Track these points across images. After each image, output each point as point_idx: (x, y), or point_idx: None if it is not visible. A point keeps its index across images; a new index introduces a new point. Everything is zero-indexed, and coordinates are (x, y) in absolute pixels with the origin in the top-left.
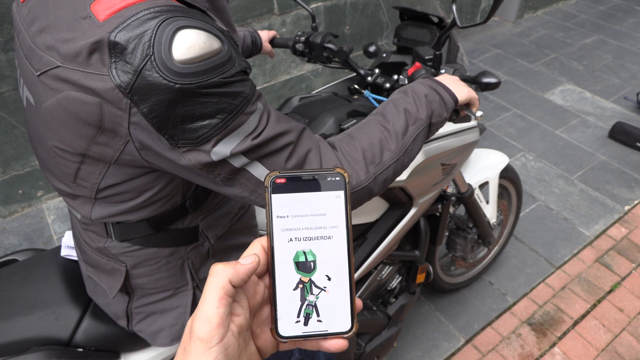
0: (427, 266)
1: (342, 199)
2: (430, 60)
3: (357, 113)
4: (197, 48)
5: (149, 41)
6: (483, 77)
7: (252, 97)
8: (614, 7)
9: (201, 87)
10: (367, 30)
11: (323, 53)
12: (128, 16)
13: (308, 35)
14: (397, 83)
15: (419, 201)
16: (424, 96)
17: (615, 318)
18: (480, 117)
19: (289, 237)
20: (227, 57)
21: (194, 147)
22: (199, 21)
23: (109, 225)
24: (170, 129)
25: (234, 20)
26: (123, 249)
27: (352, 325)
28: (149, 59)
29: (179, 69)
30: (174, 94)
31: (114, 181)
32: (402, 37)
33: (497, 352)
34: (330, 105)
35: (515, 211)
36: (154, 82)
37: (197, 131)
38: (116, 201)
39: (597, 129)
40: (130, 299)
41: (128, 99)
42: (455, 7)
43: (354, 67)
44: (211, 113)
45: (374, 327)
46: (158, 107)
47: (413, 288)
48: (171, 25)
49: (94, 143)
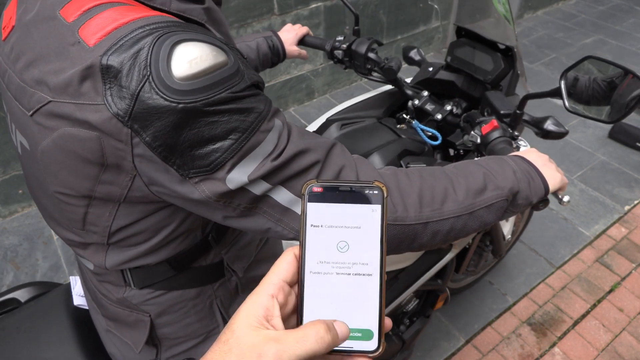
0: (447, 294)
1: (378, 213)
2: (507, 116)
3: (408, 152)
4: (199, 62)
5: (146, 60)
6: (547, 124)
7: (267, 113)
8: (614, 7)
9: (208, 104)
10: (368, 30)
11: (366, 65)
12: (120, 36)
13: (350, 41)
14: (469, 137)
15: (458, 245)
16: (513, 172)
17: (615, 318)
18: (567, 203)
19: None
20: (235, 70)
21: (207, 176)
22: (199, 34)
23: (126, 272)
24: (178, 158)
25: (234, 20)
26: (145, 297)
27: (379, 346)
28: (146, 79)
29: (181, 86)
30: (178, 115)
31: (127, 221)
32: (456, 56)
33: (497, 352)
34: (377, 138)
35: (525, 220)
36: (154, 105)
37: (209, 156)
38: (131, 244)
39: (597, 129)
40: (158, 352)
41: (128, 127)
42: (564, 83)
43: (402, 87)
44: (222, 134)
45: (388, 353)
46: (162, 133)
47: (429, 312)
48: (169, 40)
49: (99, 182)
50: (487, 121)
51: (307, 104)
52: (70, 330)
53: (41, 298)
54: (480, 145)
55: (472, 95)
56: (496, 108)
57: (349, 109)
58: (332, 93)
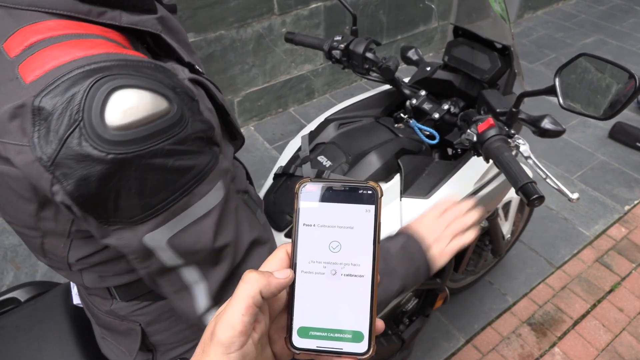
0: (446, 293)
1: (372, 213)
2: (503, 114)
3: (405, 152)
4: (135, 111)
5: (79, 104)
6: (544, 122)
7: (207, 173)
8: (614, 7)
9: (140, 157)
10: (367, 30)
11: (364, 64)
12: (58, 76)
13: (348, 41)
14: (466, 135)
15: None
16: (400, 279)
17: (615, 318)
18: (576, 200)
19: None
20: (177, 119)
21: (125, 227)
22: (143, 78)
23: (110, 287)
24: (99, 207)
25: (234, 20)
26: (132, 308)
27: (369, 348)
28: (77, 125)
29: (113, 136)
30: (107, 166)
31: (85, 253)
32: (454, 55)
33: (497, 352)
34: (374, 137)
35: (525, 219)
36: (81, 153)
37: (132, 210)
38: (100, 271)
39: (597, 129)
40: (153, 356)
41: (50, 173)
42: (559, 81)
43: (399, 87)
44: (151, 191)
45: (387, 352)
46: (86, 182)
47: (428, 311)
48: (106, 85)
49: (40, 219)
50: (483, 119)
51: (307, 104)
52: (70, 329)
53: (41, 297)
54: (476, 144)
55: (470, 94)
56: (492, 106)
57: (347, 108)
58: (332, 93)
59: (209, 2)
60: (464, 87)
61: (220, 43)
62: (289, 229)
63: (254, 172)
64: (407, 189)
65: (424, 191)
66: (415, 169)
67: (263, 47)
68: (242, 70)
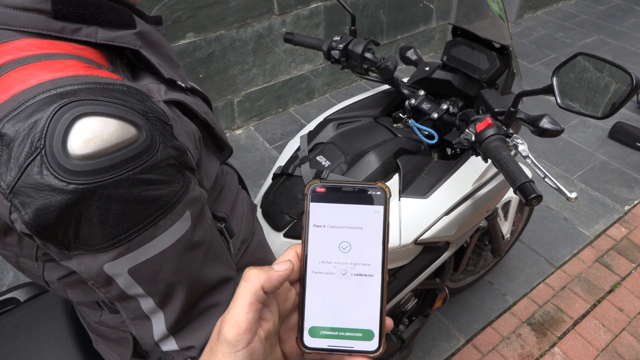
0: (445, 293)
1: (380, 214)
2: (501, 114)
3: (404, 151)
4: (99, 140)
5: (41, 132)
6: (543, 122)
7: (175, 204)
8: (614, 7)
9: (103, 187)
10: (367, 30)
11: (363, 65)
12: (22, 100)
13: (346, 42)
14: (464, 135)
15: (455, 244)
16: None
17: (615, 318)
18: (574, 199)
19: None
20: (145, 147)
21: (87, 253)
22: (111, 104)
23: (98, 300)
24: (59, 236)
25: (234, 20)
26: (121, 319)
27: (380, 346)
28: (38, 153)
29: (75, 166)
30: (67, 196)
31: (60, 274)
32: (452, 55)
33: (497, 352)
34: (373, 137)
35: (525, 219)
36: (41, 182)
37: (94, 239)
38: (82, 288)
39: (597, 129)
40: None
41: (8, 201)
42: (556, 80)
43: (398, 87)
44: (114, 222)
45: (387, 352)
46: (45, 212)
47: (427, 311)
48: (70, 112)
49: (6, 245)
50: (481, 119)
51: (307, 104)
52: (69, 329)
53: (40, 297)
54: (474, 143)
55: (469, 94)
56: (490, 106)
57: (346, 108)
58: (332, 93)
59: (209, 2)
60: (462, 86)
61: (220, 43)
62: (288, 229)
63: (254, 172)
64: (405, 188)
65: (423, 191)
66: (414, 169)
67: (263, 47)
68: (242, 70)
